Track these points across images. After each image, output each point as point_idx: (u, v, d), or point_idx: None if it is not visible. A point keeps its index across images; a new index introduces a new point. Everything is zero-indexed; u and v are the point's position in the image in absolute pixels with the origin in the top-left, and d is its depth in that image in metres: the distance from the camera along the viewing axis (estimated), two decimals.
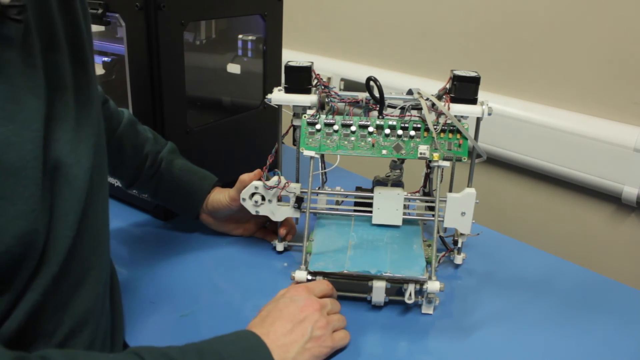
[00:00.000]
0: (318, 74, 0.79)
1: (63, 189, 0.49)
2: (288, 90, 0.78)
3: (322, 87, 0.79)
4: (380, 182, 0.83)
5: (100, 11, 0.85)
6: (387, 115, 0.77)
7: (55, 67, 0.50)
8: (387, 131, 0.76)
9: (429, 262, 0.74)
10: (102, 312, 0.56)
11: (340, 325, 0.68)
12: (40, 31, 0.48)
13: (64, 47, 0.51)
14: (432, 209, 0.85)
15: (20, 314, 0.45)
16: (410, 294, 0.71)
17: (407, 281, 0.71)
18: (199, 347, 0.56)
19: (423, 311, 0.74)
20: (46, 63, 0.48)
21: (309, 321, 0.63)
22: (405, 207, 0.82)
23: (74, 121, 0.51)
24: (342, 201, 0.88)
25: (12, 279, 0.44)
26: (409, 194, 0.86)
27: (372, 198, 0.81)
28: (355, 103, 0.78)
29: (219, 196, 0.87)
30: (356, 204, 0.85)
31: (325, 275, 0.73)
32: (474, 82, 0.74)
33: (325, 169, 0.92)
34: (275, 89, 0.79)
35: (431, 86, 0.83)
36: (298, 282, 0.73)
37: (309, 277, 0.73)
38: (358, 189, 0.87)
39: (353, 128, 0.77)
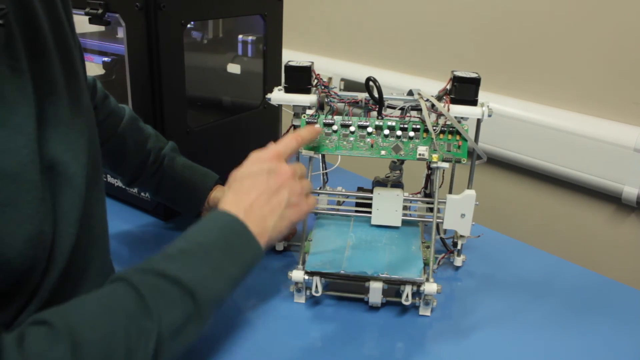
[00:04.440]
0: (318, 74, 0.79)
1: (63, 188, 0.49)
2: (288, 90, 0.78)
3: (322, 87, 0.79)
4: (380, 183, 0.83)
5: (100, 11, 0.85)
6: (386, 115, 0.77)
7: (43, 69, 0.50)
8: (386, 132, 0.76)
9: (426, 264, 0.74)
10: None
11: (310, 189, 0.67)
12: (26, 37, 0.48)
13: (52, 50, 0.51)
14: (432, 210, 0.85)
15: (30, 314, 0.46)
16: (407, 296, 0.71)
17: (404, 283, 0.71)
18: (182, 249, 0.54)
19: (420, 313, 0.74)
20: (33, 67, 0.48)
21: (285, 189, 0.62)
22: (405, 208, 0.82)
23: (66, 119, 0.51)
24: (344, 202, 0.88)
25: (26, 281, 0.45)
26: (410, 195, 0.86)
27: (371, 199, 0.81)
28: (355, 103, 0.78)
29: (220, 194, 0.87)
30: (357, 204, 0.85)
31: (322, 275, 0.73)
32: (474, 83, 0.74)
33: (326, 169, 0.92)
34: (275, 89, 0.79)
35: (432, 87, 0.83)
36: (296, 282, 0.73)
37: (306, 277, 0.73)
38: (360, 189, 0.87)
39: (352, 128, 0.77)
